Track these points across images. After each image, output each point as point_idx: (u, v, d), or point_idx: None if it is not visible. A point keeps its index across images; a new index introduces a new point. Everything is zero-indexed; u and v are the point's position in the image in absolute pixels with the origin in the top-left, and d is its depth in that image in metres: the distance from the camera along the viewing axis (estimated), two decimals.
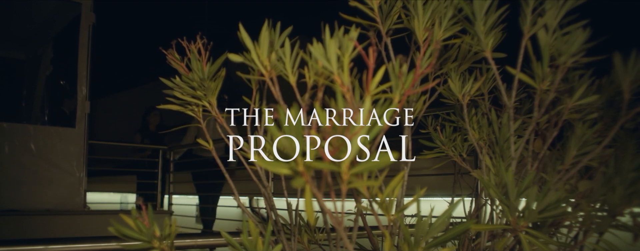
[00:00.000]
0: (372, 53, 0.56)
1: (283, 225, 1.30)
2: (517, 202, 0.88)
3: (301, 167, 0.59)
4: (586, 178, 1.28)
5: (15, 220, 4.33)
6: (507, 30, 0.93)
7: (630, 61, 0.76)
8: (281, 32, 0.88)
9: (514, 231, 0.90)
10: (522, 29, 0.79)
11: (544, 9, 0.80)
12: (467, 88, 1.04)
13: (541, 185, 1.09)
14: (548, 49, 0.76)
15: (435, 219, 0.75)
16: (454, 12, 0.81)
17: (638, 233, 1.07)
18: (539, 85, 0.80)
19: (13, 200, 4.52)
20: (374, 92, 0.62)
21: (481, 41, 0.80)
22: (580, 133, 0.91)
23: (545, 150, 1.22)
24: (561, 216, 1.03)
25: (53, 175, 4.75)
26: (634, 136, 1.37)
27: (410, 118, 0.99)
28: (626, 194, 0.89)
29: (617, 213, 0.93)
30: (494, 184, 0.90)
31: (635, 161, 0.98)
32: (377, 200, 0.79)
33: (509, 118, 0.86)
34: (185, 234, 1.64)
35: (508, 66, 0.83)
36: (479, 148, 1.11)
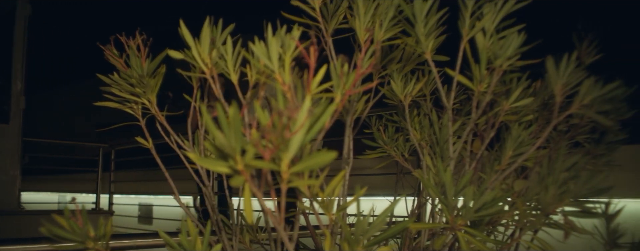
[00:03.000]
0: (313, 52, 0.56)
1: (225, 224, 1.28)
2: (456, 201, 0.90)
3: (240, 166, 0.58)
4: (522, 178, 1.32)
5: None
6: (448, 32, 0.95)
7: (562, 65, 0.79)
8: (223, 30, 0.87)
9: (452, 229, 0.92)
10: (461, 32, 0.81)
11: (483, 12, 0.82)
12: (409, 90, 1.06)
13: (480, 185, 1.12)
14: (485, 52, 0.78)
15: (375, 218, 0.75)
16: (394, 13, 0.82)
17: (568, 231, 1.11)
18: (476, 87, 0.82)
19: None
20: (315, 91, 0.61)
21: (421, 43, 0.82)
22: (516, 134, 0.94)
23: (483, 151, 1.26)
24: (497, 214, 1.06)
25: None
26: (566, 137, 1.43)
27: (352, 118, 0.99)
28: (558, 193, 0.92)
29: (550, 211, 0.97)
30: (433, 184, 0.92)
31: (566, 162, 1.02)
32: (318, 199, 0.79)
33: (448, 119, 0.88)
34: (123, 234, 1.59)
35: (448, 68, 0.85)
36: (420, 148, 1.13)
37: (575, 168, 1.03)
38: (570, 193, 0.91)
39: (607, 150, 1.56)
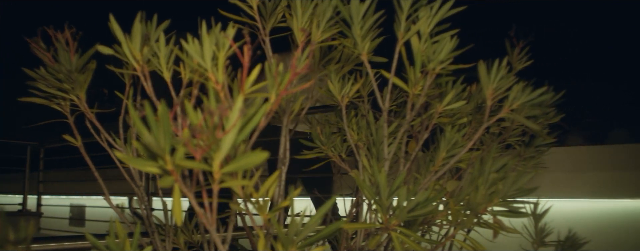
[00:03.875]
0: (247, 51, 0.55)
1: (158, 226, 1.25)
2: (390, 202, 0.91)
3: (170, 166, 0.56)
4: (455, 179, 1.36)
5: None
6: (386, 35, 0.96)
7: (493, 70, 0.81)
8: (158, 27, 0.84)
9: (387, 229, 0.93)
10: (397, 35, 0.82)
11: (418, 16, 0.84)
12: (346, 91, 1.06)
13: (414, 186, 1.14)
14: (420, 55, 0.79)
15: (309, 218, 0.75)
16: (332, 14, 0.82)
17: (497, 230, 1.15)
18: (411, 90, 0.83)
19: None
20: (248, 90, 0.60)
21: (358, 44, 0.82)
22: (449, 136, 0.97)
23: (419, 152, 1.28)
24: (431, 214, 1.08)
25: None
26: (498, 140, 1.48)
27: (289, 118, 0.99)
28: (487, 194, 0.95)
29: (480, 211, 1.00)
30: (368, 184, 0.93)
31: (496, 163, 1.05)
32: (252, 199, 0.78)
33: (383, 121, 0.89)
34: (50, 237, 1.51)
35: (385, 70, 0.86)
36: (357, 149, 1.14)
37: (505, 169, 1.07)
38: (499, 193, 0.94)
39: (536, 153, 1.63)
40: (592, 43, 5.43)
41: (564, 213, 3.05)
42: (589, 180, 3.01)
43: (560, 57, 5.20)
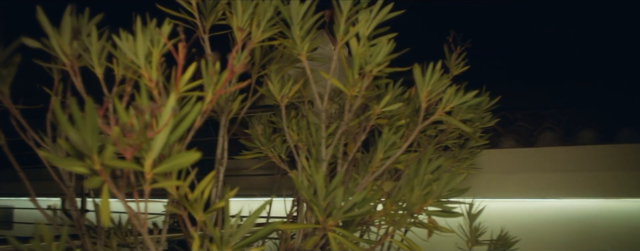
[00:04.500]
0: (182, 49, 0.53)
1: (89, 227, 1.20)
2: (328, 202, 0.91)
3: (97, 166, 0.54)
4: (394, 180, 1.39)
5: None
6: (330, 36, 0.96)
7: (428, 74, 0.83)
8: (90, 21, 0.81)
9: (324, 230, 0.93)
10: (336, 37, 0.82)
11: (358, 19, 0.84)
12: (286, 91, 1.06)
13: (352, 186, 1.15)
14: (358, 57, 0.80)
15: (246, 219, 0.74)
16: (273, 13, 0.81)
17: (432, 230, 1.18)
18: (349, 91, 0.84)
19: None
20: (183, 89, 0.59)
21: (297, 45, 0.82)
22: (387, 137, 0.98)
23: (358, 153, 1.29)
24: (368, 214, 1.10)
25: None
26: (434, 142, 1.52)
27: (227, 118, 0.97)
28: (422, 194, 0.97)
29: (415, 211, 1.02)
30: (306, 185, 0.93)
31: (432, 164, 1.08)
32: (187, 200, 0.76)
33: (321, 122, 0.89)
34: None
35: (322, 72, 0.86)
36: (296, 149, 1.14)
37: (440, 170, 1.09)
38: (433, 193, 0.96)
39: (470, 154, 1.68)
40: (527, 49, 5.67)
41: (497, 213, 3.17)
42: (519, 180, 3.14)
43: (497, 62, 5.40)
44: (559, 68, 5.58)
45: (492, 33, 5.43)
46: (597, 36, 5.66)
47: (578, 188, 3.12)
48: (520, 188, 3.14)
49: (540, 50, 5.71)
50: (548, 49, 5.69)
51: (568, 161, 3.16)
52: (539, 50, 5.71)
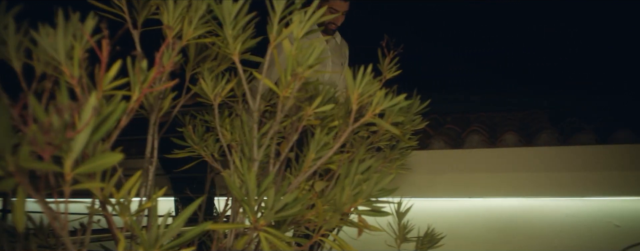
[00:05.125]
0: (106, 45, 0.52)
1: (7, 230, 1.14)
2: (259, 202, 0.91)
3: (12, 167, 0.51)
4: (326, 180, 1.40)
5: None
6: (263, 36, 0.96)
7: (359, 76, 0.85)
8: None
9: (255, 229, 0.93)
10: (269, 37, 0.83)
11: (292, 19, 0.85)
12: (219, 90, 1.05)
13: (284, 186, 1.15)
14: (291, 58, 0.80)
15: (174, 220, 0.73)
16: (204, 12, 0.80)
17: (362, 228, 1.21)
18: (281, 92, 0.85)
19: None
20: (107, 87, 0.57)
21: (229, 44, 0.82)
22: (319, 138, 0.99)
23: (291, 153, 1.30)
24: (299, 214, 1.11)
25: None
26: (366, 143, 1.55)
27: (157, 116, 0.95)
28: (353, 194, 0.99)
29: (345, 210, 1.04)
30: (238, 184, 0.93)
31: (363, 165, 1.10)
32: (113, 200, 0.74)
33: (253, 121, 0.89)
34: None
35: (255, 71, 0.86)
36: (229, 149, 1.13)
37: (370, 170, 1.12)
38: (363, 193, 0.98)
39: (401, 155, 1.73)
40: (458, 55, 5.89)
41: (426, 211, 3.27)
42: (447, 180, 3.26)
43: (429, 68, 5.57)
44: (487, 75, 5.84)
45: (426, 39, 5.60)
46: (523, 44, 5.96)
47: (501, 187, 3.27)
48: (448, 187, 3.26)
49: (471, 57, 5.95)
50: (478, 56, 5.95)
51: (492, 162, 3.31)
52: (469, 56, 5.95)
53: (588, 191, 3.17)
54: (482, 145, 3.50)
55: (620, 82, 5.50)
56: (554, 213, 3.31)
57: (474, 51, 5.92)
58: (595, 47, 5.80)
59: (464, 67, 5.84)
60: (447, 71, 5.99)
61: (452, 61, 5.90)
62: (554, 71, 5.82)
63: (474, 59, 5.89)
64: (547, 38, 5.91)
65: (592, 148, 3.26)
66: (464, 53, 5.83)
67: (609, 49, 5.77)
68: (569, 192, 3.20)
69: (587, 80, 5.60)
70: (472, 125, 3.88)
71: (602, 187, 3.15)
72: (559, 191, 3.20)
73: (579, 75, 5.72)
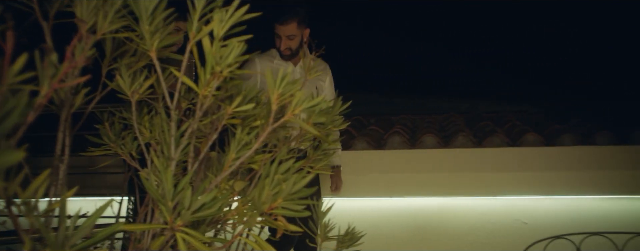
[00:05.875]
0: (10, 37, 0.50)
1: None
2: (177, 202, 0.90)
3: None
4: (247, 180, 1.40)
5: None
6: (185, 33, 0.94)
7: (279, 76, 0.86)
8: None
9: (172, 230, 0.92)
10: (189, 35, 0.82)
11: (213, 17, 0.84)
12: (137, 86, 1.02)
13: (203, 186, 1.14)
14: (211, 56, 0.80)
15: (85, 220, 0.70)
16: (119, 6, 0.78)
17: (281, 229, 1.21)
18: (200, 90, 0.84)
19: None
20: (12, 81, 0.54)
21: (146, 41, 0.80)
22: (239, 137, 0.99)
23: (213, 153, 1.29)
24: (219, 214, 1.10)
25: None
26: (288, 142, 1.56)
27: (68, 112, 0.91)
28: (272, 194, 1.00)
29: (265, 210, 1.04)
30: (154, 184, 0.91)
31: (283, 165, 1.11)
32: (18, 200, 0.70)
33: (171, 120, 0.87)
34: None
35: (174, 68, 0.84)
36: (146, 147, 1.10)
37: (291, 170, 1.13)
38: (282, 193, 0.99)
39: (324, 155, 1.75)
40: (381, 60, 6.06)
41: (348, 211, 3.33)
42: (370, 180, 3.34)
43: (354, 71, 5.67)
44: (410, 79, 6.05)
45: (351, 41, 5.70)
46: (444, 51, 6.22)
47: (420, 187, 3.39)
48: (370, 187, 3.34)
49: (395, 61, 6.13)
50: (402, 61, 6.13)
51: (412, 163, 3.42)
52: (394, 60, 6.12)
53: (500, 191, 3.35)
54: (403, 146, 3.61)
55: (530, 91, 5.87)
56: (469, 212, 3.48)
57: (399, 56, 6.10)
58: (508, 57, 6.16)
59: (388, 71, 6.00)
60: (372, 74, 6.12)
61: (377, 64, 6.05)
62: (472, 78, 6.12)
63: (398, 63, 6.08)
64: (467, 46, 6.20)
65: (503, 150, 3.46)
66: (389, 57, 6.00)
67: (520, 58, 6.15)
68: (482, 192, 3.37)
69: (501, 88, 5.95)
70: (395, 126, 3.99)
71: (512, 187, 3.34)
72: (474, 190, 3.37)
73: (494, 82, 6.06)
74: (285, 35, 2.69)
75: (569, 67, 6.09)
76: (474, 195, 3.42)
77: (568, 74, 6.03)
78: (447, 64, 6.16)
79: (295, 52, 2.77)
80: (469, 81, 6.04)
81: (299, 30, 2.71)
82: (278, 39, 2.73)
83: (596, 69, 6.07)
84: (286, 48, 2.73)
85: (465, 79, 6.08)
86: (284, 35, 2.69)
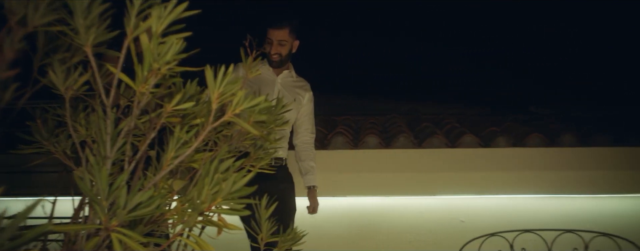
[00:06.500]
0: None
1: None
2: (112, 201, 0.88)
3: None
4: (188, 179, 1.38)
5: None
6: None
7: (219, 76, 0.85)
8: None
9: (107, 230, 0.89)
10: (126, 31, 0.80)
11: (151, 13, 0.83)
12: (71, 82, 0.99)
13: (141, 185, 1.11)
14: (149, 53, 0.79)
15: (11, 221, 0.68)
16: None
17: (221, 228, 1.21)
18: (138, 87, 0.82)
19: None
20: None
21: (81, 35, 0.78)
22: (178, 136, 0.98)
23: (152, 151, 1.26)
24: (156, 213, 1.08)
25: None
26: (229, 141, 1.55)
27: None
28: (211, 193, 0.99)
29: (204, 209, 1.03)
30: (89, 183, 0.88)
31: (224, 164, 1.10)
32: None
33: (106, 117, 0.85)
34: None
35: (110, 65, 0.83)
36: (81, 145, 1.07)
37: (231, 170, 1.12)
38: (222, 192, 0.98)
39: (265, 155, 1.75)
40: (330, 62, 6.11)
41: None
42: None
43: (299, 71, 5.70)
44: (355, 80, 6.14)
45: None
46: (388, 55, 6.35)
47: (363, 187, 3.45)
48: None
49: (341, 63, 6.20)
50: (348, 63, 6.22)
51: (355, 163, 3.47)
52: (339, 62, 6.18)
53: (439, 190, 3.45)
54: (345, 146, 3.66)
55: (468, 95, 6.09)
56: (409, 211, 3.56)
57: (345, 57, 6.18)
58: (447, 62, 6.37)
59: (331, 71, 6.06)
60: (315, 74, 6.16)
61: (322, 65, 6.10)
62: (413, 81, 6.28)
63: (342, 63, 6.15)
64: (410, 47, 6.35)
65: (442, 151, 3.57)
66: (332, 57, 6.06)
67: (461, 64, 6.36)
68: (422, 191, 3.46)
69: (440, 92, 6.15)
70: (338, 127, 4.04)
71: (450, 186, 3.45)
72: (414, 190, 3.45)
73: (434, 86, 6.25)
74: (277, 40, 2.73)
75: (505, 71, 6.37)
76: (414, 195, 3.50)
77: (505, 79, 6.30)
78: (390, 65, 6.29)
79: (283, 61, 2.81)
80: (411, 83, 6.20)
81: (290, 38, 2.77)
82: (268, 45, 2.75)
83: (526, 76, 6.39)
84: (276, 53, 2.76)
85: (407, 81, 6.23)
86: (276, 39, 2.73)
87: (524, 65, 6.33)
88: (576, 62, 6.27)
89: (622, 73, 6.27)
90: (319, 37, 5.91)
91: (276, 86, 2.86)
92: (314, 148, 2.99)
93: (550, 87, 6.15)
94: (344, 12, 6.04)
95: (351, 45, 6.27)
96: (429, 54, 6.31)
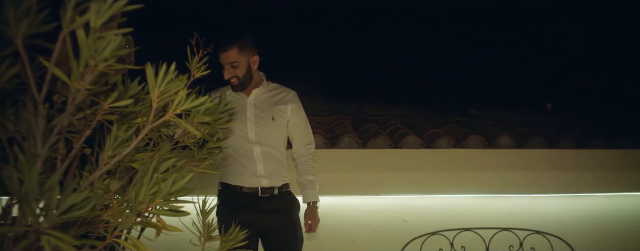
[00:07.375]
0: None
1: None
2: (43, 202, 0.84)
3: None
4: (126, 179, 1.34)
5: None
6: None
7: (160, 74, 0.83)
8: None
9: (37, 232, 0.85)
10: (62, 24, 0.76)
11: (90, 7, 0.80)
12: None
13: (76, 185, 1.07)
14: (85, 48, 0.75)
15: None
16: None
17: (160, 229, 1.18)
18: (73, 83, 0.79)
19: None
20: None
21: (10, 26, 0.73)
22: (116, 134, 0.95)
23: (87, 150, 1.21)
24: (91, 215, 1.04)
25: None
26: (170, 141, 1.52)
27: None
28: (149, 193, 0.96)
29: (142, 211, 1.00)
30: (17, 183, 0.84)
31: (164, 164, 1.08)
32: None
33: (38, 113, 0.81)
34: None
35: (43, 58, 0.79)
36: (8, 142, 1.01)
37: (172, 170, 1.10)
38: (161, 193, 0.96)
39: (209, 154, 1.72)
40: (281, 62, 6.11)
41: None
42: None
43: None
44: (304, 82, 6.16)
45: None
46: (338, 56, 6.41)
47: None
48: None
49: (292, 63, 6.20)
50: (297, 63, 6.23)
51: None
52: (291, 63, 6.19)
53: (382, 190, 3.51)
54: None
55: (411, 97, 6.23)
56: (353, 210, 3.60)
57: (294, 56, 6.18)
58: (393, 65, 6.49)
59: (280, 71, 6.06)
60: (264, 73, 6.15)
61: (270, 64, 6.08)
62: (361, 83, 6.36)
63: (293, 63, 6.15)
64: (358, 50, 6.43)
65: (386, 151, 3.62)
66: (282, 57, 6.05)
67: (408, 66, 6.50)
68: (365, 191, 3.50)
69: (385, 92, 6.26)
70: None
71: (393, 186, 3.51)
72: (357, 190, 3.49)
73: (381, 88, 6.35)
74: (228, 63, 2.60)
75: (448, 74, 6.55)
76: (358, 194, 3.54)
77: (448, 82, 6.49)
78: (337, 65, 6.35)
79: (243, 82, 2.66)
80: (357, 85, 6.28)
81: (243, 57, 2.62)
82: (223, 69, 2.62)
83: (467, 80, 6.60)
84: (231, 76, 2.62)
85: (355, 82, 6.30)
86: (226, 62, 2.61)
87: (466, 69, 6.54)
88: (514, 67, 6.54)
89: (555, 80, 6.60)
90: (267, 36, 5.89)
91: (248, 108, 2.71)
92: (312, 161, 2.83)
93: (489, 92, 6.38)
94: (287, 10, 6.05)
95: (301, 44, 6.28)
96: (376, 55, 6.41)
